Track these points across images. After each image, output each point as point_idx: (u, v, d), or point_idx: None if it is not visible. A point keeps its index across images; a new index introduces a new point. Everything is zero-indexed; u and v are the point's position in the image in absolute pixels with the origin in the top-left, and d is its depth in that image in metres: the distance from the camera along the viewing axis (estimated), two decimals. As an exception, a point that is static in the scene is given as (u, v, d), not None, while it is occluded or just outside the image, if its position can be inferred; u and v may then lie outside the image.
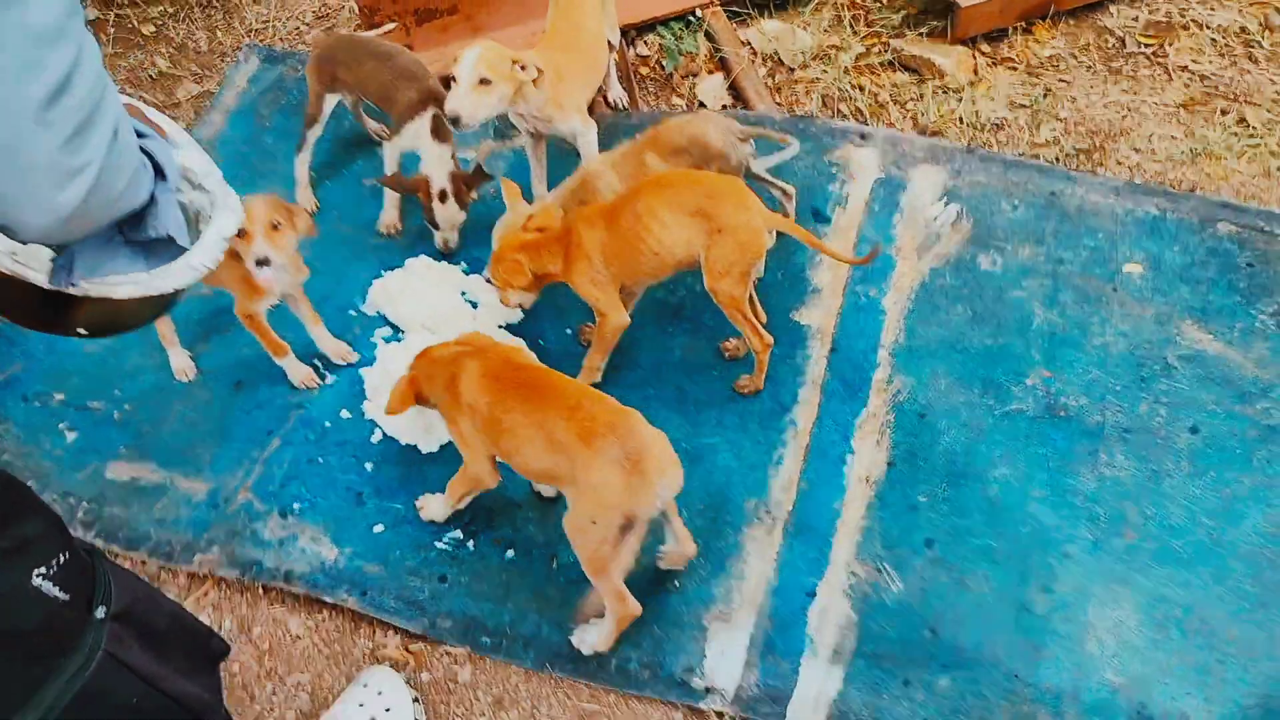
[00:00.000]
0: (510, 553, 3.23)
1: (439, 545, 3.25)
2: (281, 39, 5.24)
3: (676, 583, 3.14)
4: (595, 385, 3.48)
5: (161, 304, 1.82)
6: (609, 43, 4.26)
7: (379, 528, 3.29)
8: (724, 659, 2.99)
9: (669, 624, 3.06)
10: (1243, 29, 4.84)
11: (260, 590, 3.23)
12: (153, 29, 5.45)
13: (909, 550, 3.14)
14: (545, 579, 3.16)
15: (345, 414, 3.59)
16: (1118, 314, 3.65)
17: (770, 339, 3.43)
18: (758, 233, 3.21)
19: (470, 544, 3.26)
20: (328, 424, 3.56)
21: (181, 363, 3.74)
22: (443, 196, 3.82)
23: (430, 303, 3.82)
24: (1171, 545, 3.07)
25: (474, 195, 3.97)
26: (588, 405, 2.76)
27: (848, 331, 3.66)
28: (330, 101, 4.19)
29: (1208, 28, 4.87)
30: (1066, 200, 4.03)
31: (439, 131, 3.85)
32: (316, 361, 3.70)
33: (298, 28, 5.32)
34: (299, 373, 3.64)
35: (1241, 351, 3.52)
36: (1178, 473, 3.22)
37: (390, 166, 4.08)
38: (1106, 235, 3.90)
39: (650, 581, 3.12)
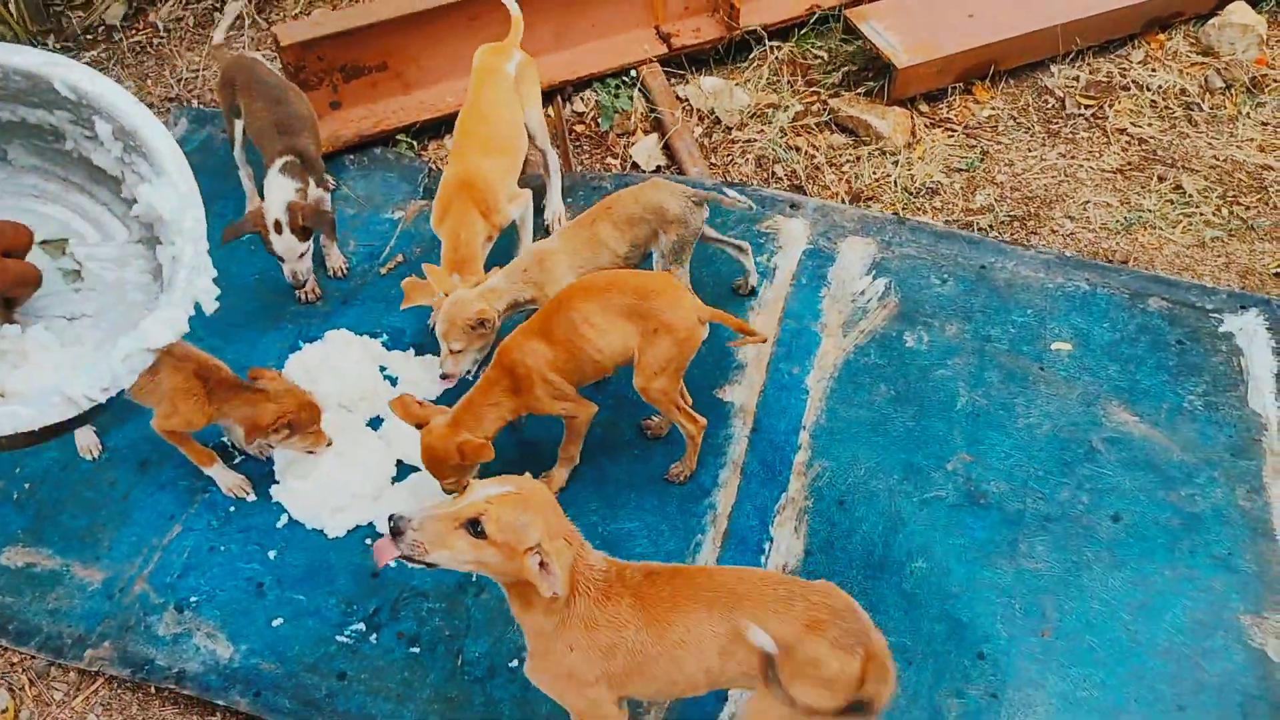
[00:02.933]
0: (414, 648, 3.12)
1: (340, 639, 3.15)
2: (211, 90, 5.14)
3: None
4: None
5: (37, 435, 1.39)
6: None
7: (278, 621, 3.18)
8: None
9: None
10: (1182, 91, 4.82)
11: (153, 690, 3.12)
12: (82, 78, 5.34)
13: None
14: (449, 677, 3.06)
15: (250, 497, 3.48)
16: (1043, 394, 3.59)
17: (703, 421, 3.36)
18: (695, 328, 3.13)
19: (373, 637, 3.15)
20: (232, 508, 3.46)
21: (87, 440, 3.62)
22: (278, 228, 3.72)
23: (349, 380, 3.72)
24: (1089, 643, 2.99)
25: (331, 217, 3.95)
26: (799, 591, 2.39)
27: (770, 410, 3.59)
28: (239, 126, 4.13)
29: (1148, 89, 4.84)
30: (996, 274, 3.97)
31: (288, 168, 3.78)
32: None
33: (229, 80, 5.22)
34: (229, 480, 3.49)
35: (1168, 434, 3.46)
36: (1098, 564, 3.16)
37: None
38: (1036, 311, 3.85)
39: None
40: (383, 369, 3.81)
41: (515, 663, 3.06)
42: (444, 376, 3.48)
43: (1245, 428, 3.48)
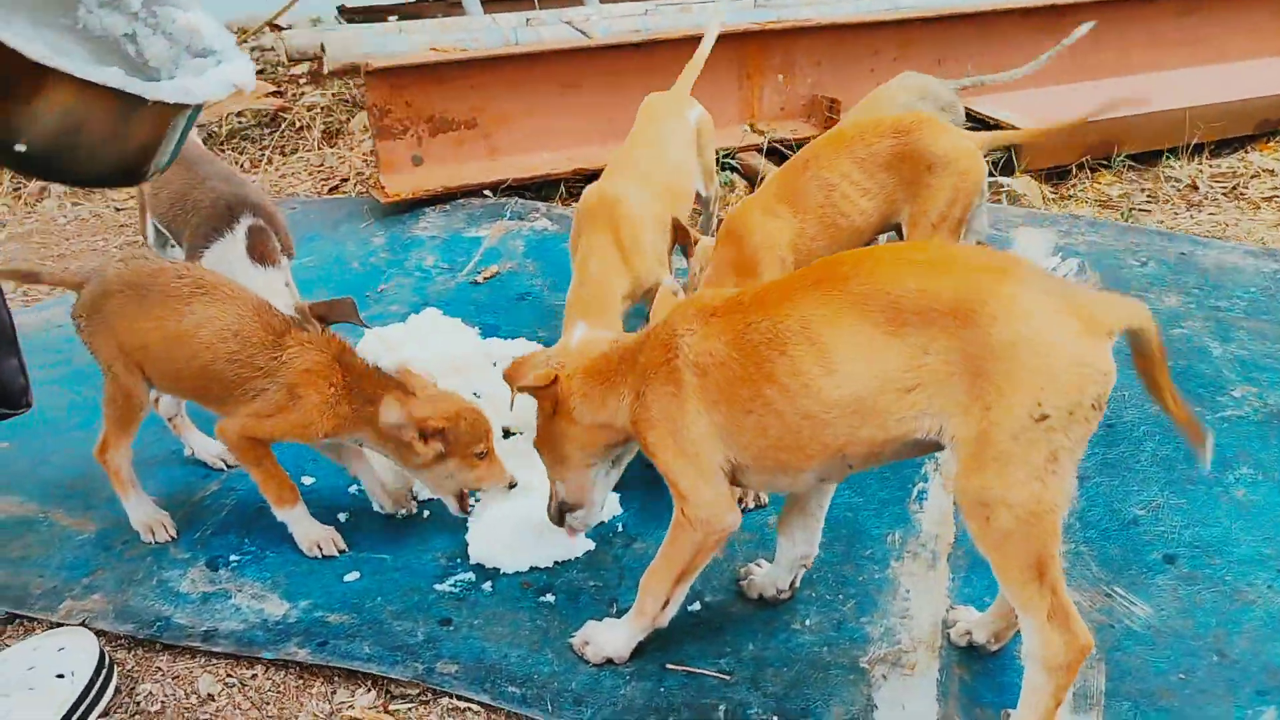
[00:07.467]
0: (547, 596, 2.15)
1: (440, 588, 2.18)
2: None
3: (806, 622, 2.06)
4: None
5: (128, 139, 1.57)
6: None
7: (352, 576, 2.23)
8: (904, 713, 1.86)
9: (803, 664, 1.95)
10: (1321, 174, 4.49)
11: (158, 645, 2.09)
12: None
13: (1143, 570, 2.12)
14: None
15: (307, 480, 2.58)
16: (1314, 351, 2.88)
17: None
18: (974, 157, 2.51)
19: (487, 585, 2.18)
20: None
21: (148, 515, 2.35)
22: None
23: (438, 350, 2.95)
24: None
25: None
26: None
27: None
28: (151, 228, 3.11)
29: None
30: (1200, 260, 3.39)
31: (259, 250, 2.62)
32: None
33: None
34: (313, 533, 2.29)
35: None
36: None
37: None
38: (1260, 290, 3.22)
39: (764, 618, 2.06)
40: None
41: (696, 605, 2.10)
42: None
43: None
